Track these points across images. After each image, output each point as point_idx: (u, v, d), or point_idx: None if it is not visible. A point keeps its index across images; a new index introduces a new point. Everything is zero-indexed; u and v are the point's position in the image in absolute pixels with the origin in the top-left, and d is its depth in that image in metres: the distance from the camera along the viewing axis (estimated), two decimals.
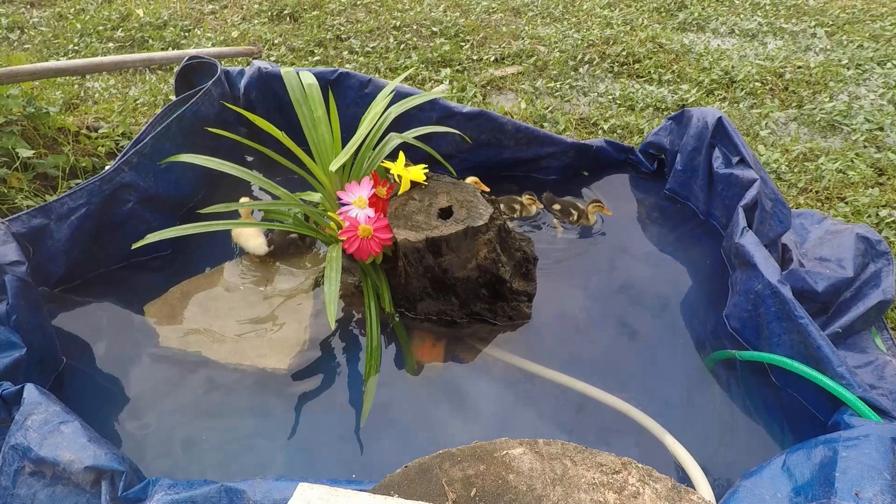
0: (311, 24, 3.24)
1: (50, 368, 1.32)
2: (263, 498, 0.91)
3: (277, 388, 1.33)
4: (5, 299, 1.23)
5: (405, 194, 1.45)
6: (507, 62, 2.89)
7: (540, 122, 2.39)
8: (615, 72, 2.78)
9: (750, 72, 2.67)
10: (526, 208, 1.75)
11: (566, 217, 1.71)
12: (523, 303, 1.48)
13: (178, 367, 1.37)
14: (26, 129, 2.03)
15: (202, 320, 1.46)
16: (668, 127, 1.86)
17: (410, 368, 1.38)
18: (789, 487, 0.93)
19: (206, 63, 1.86)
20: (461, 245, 1.35)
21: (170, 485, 0.94)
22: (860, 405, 1.10)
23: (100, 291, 1.54)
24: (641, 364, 1.39)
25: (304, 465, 1.20)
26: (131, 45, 3.12)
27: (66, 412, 1.03)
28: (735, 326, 1.42)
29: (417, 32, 3.14)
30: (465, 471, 0.85)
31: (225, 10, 3.49)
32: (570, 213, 1.70)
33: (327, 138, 1.50)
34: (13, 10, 3.52)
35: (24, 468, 0.98)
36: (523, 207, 1.74)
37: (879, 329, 1.41)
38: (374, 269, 1.45)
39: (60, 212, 1.44)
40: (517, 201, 1.74)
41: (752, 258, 1.34)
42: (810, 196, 1.98)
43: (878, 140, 2.23)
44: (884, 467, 0.89)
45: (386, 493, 0.82)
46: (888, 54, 2.77)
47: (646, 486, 0.83)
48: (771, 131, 2.33)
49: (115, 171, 1.52)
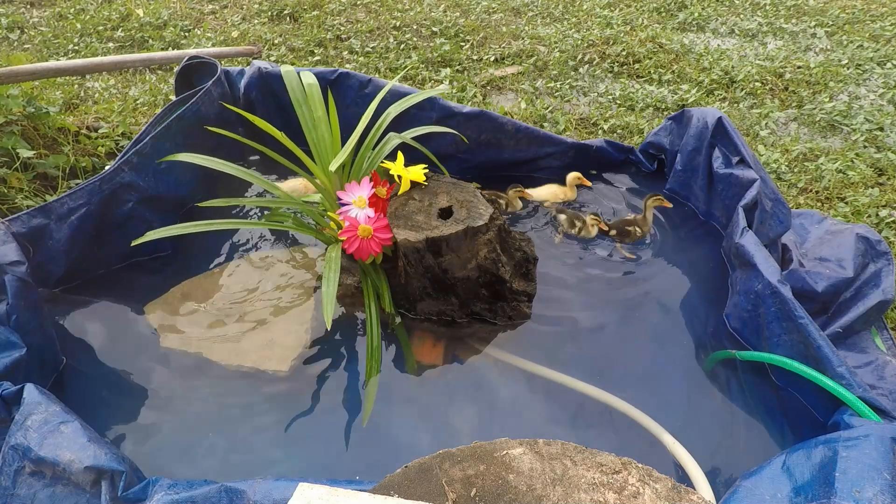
0: (311, 24, 3.23)
1: (50, 368, 1.32)
2: (263, 498, 0.91)
3: (278, 388, 1.33)
4: (5, 299, 1.23)
5: (405, 194, 1.45)
6: (507, 62, 2.89)
7: (540, 122, 2.39)
8: (615, 72, 2.78)
9: (750, 72, 2.67)
10: (511, 203, 1.76)
11: (570, 227, 1.70)
12: (523, 303, 1.48)
13: (178, 367, 1.37)
14: (26, 129, 2.03)
15: (203, 321, 1.46)
16: (668, 127, 1.86)
17: (411, 368, 1.38)
18: (789, 487, 0.93)
19: (206, 63, 1.86)
20: (461, 245, 1.35)
21: (170, 485, 0.94)
22: (860, 405, 1.10)
23: (100, 291, 1.53)
24: (641, 364, 1.39)
25: (304, 465, 1.20)
26: (131, 45, 3.12)
27: (66, 412, 1.03)
28: (735, 326, 1.42)
29: (417, 32, 3.14)
30: (465, 471, 0.85)
31: (225, 10, 3.49)
32: (574, 224, 1.70)
33: (327, 138, 1.50)
34: (13, 10, 3.51)
35: (24, 468, 0.98)
36: (508, 202, 1.76)
37: (879, 329, 1.41)
38: (374, 269, 1.45)
39: (60, 212, 1.44)
40: (502, 196, 1.75)
41: (752, 258, 1.34)
42: (810, 196, 1.98)
43: (878, 140, 2.23)
44: (884, 467, 0.89)
45: (386, 493, 0.82)
46: (888, 54, 2.77)
47: (646, 486, 0.83)
48: (771, 131, 2.33)
49: (115, 171, 1.52)
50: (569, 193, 1.83)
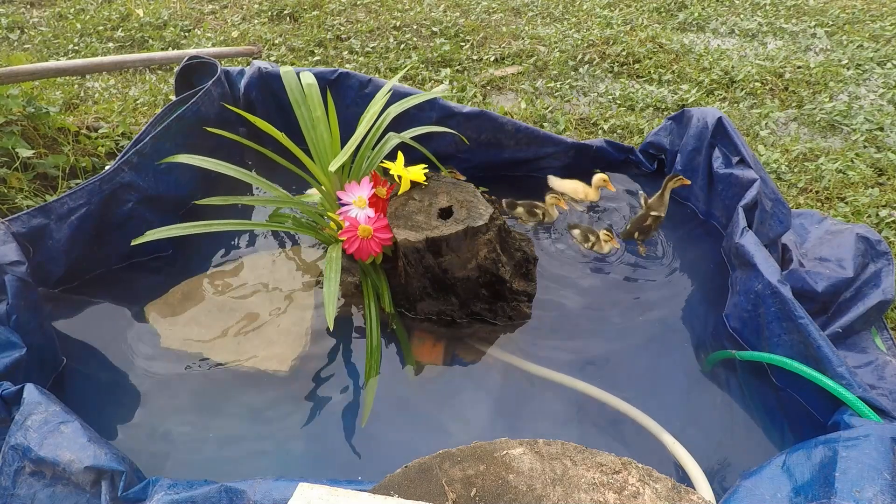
0: (311, 24, 3.23)
1: (50, 368, 1.32)
2: (263, 498, 0.91)
3: (278, 388, 1.33)
4: (5, 299, 1.23)
5: (405, 194, 1.45)
6: (507, 62, 2.89)
7: (540, 122, 2.39)
8: (615, 72, 2.78)
9: (750, 72, 2.67)
10: (548, 212, 1.65)
11: (583, 242, 1.65)
12: (523, 303, 1.48)
13: (178, 367, 1.37)
14: (26, 129, 2.03)
15: (203, 321, 1.46)
16: (668, 127, 1.86)
17: (410, 368, 1.38)
18: (789, 487, 0.93)
19: (206, 63, 1.86)
20: (461, 245, 1.35)
21: (170, 485, 0.94)
22: (860, 405, 1.10)
23: (100, 291, 1.53)
24: (641, 364, 1.39)
25: (304, 465, 1.20)
26: (131, 45, 3.12)
27: (66, 412, 1.03)
28: (735, 326, 1.42)
29: (417, 32, 3.14)
30: (465, 471, 0.85)
31: (225, 10, 3.49)
32: (588, 238, 1.64)
33: (326, 138, 1.50)
34: (13, 10, 3.51)
35: (24, 468, 0.98)
36: (545, 212, 1.65)
37: (879, 329, 1.41)
38: (374, 269, 1.45)
39: (60, 212, 1.44)
40: (539, 206, 1.65)
41: (752, 258, 1.34)
42: (810, 196, 1.98)
43: (878, 140, 2.23)
44: (884, 467, 0.89)
45: (386, 493, 0.82)
46: (888, 54, 2.77)
47: (646, 486, 0.83)
48: (771, 131, 2.33)
49: (115, 171, 1.52)
50: (591, 194, 1.78)
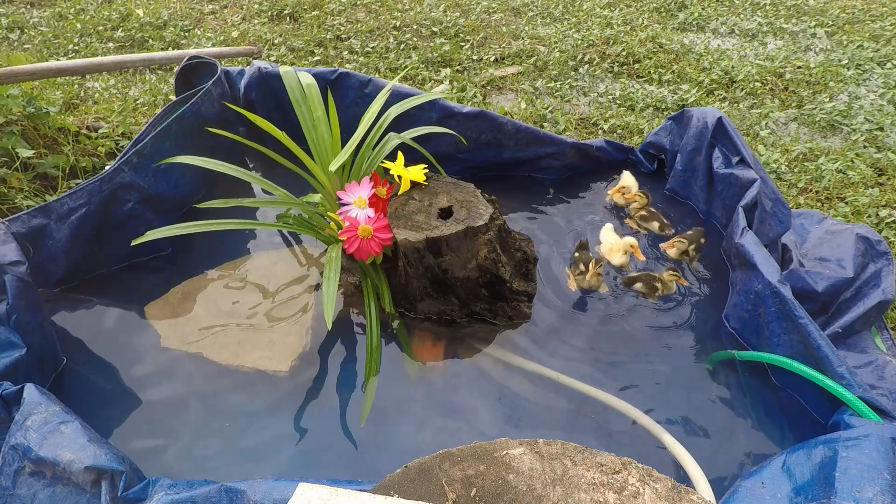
0: (311, 24, 3.23)
1: (50, 368, 1.32)
2: (263, 498, 0.91)
3: (278, 388, 1.33)
4: (5, 299, 1.23)
5: (405, 194, 1.45)
6: (507, 62, 2.89)
7: (540, 123, 2.39)
8: (615, 72, 2.78)
9: (750, 72, 2.67)
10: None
11: (652, 293, 1.52)
12: (523, 303, 1.48)
13: (178, 368, 1.37)
14: (26, 129, 2.03)
15: (203, 321, 1.46)
16: (668, 127, 1.86)
17: (410, 368, 1.38)
18: (789, 487, 0.93)
19: (206, 63, 1.86)
20: (461, 245, 1.35)
21: (170, 485, 0.94)
22: (860, 405, 1.10)
23: (100, 291, 1.53)
24: (641, 364, 1.39)
25: (304, 465, 1.20)
26: (131, 45, 3.12)
27: (66, 412, 1.03)
28: (735, 326, 1.42)
29: (417, 32, 3.14)
30: (465, 471, 0.85)
31: (225, 10, 3.49)
32: (654, 288, 1.52)
33: (327, 138, 1.50)
34: (13, 10, 3.51)
35: (24, 468, 0.98)
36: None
37: (879, 329, 1.41)
38: (374, 269, 1.45)
39: (60, 212, 1.44)
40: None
41: (752, 258, 1.34)
42: (810, 196, 1.98)
43: (878, 140, 2.23)
44: (884, 467, 0.89)
45: (386, 493, 0.82)
46: (888, 54, 2.77)
47: (646, 486, 0.83)
48: (771, 131, 2.33)
49: (115, 171, 1.52)
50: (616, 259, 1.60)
